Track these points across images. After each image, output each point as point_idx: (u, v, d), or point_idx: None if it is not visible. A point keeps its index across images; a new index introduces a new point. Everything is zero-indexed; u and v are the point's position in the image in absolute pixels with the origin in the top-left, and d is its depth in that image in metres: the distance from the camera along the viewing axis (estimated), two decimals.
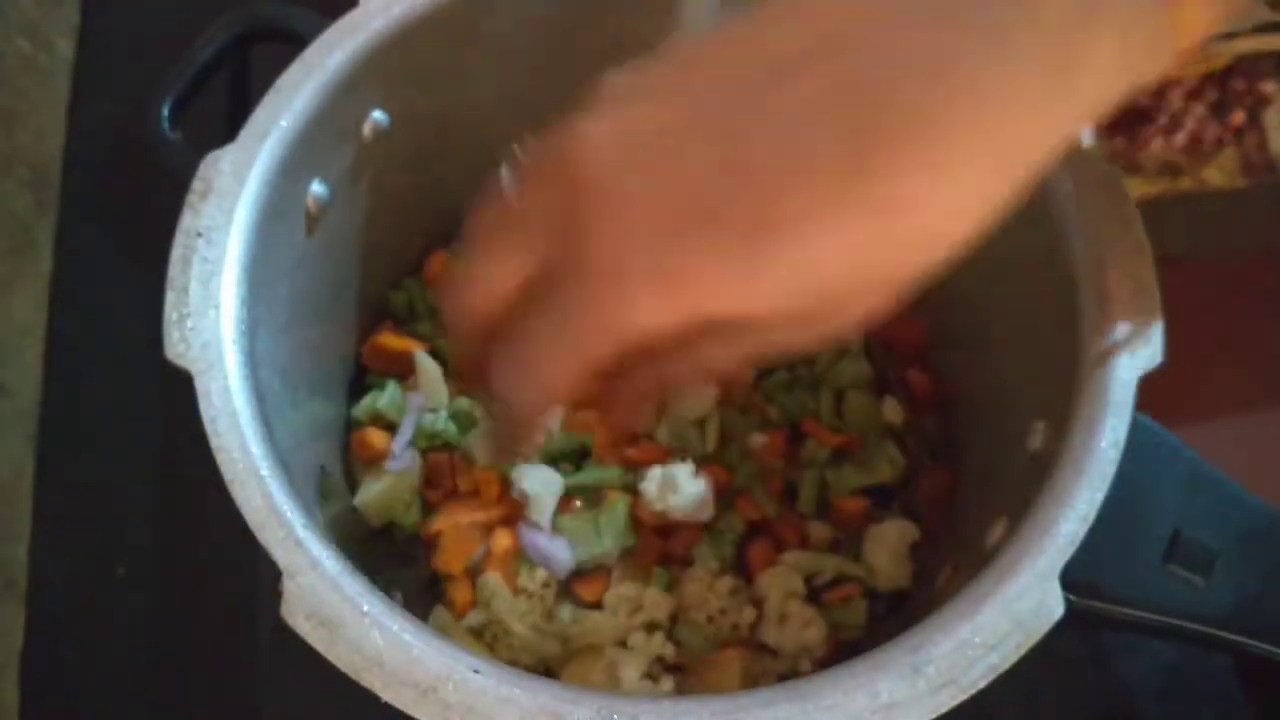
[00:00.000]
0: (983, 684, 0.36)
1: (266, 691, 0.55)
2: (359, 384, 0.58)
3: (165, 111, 0.48)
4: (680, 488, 0.52)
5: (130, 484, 0.61)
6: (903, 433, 0.57)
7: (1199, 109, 0.62)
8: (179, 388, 0.41)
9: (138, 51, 0.69)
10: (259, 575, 0.54)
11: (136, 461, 0.61)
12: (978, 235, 0.29)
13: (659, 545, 0.54)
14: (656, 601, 0.52)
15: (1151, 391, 0.41)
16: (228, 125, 0.46)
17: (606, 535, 0.53)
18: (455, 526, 0.54)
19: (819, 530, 0.55)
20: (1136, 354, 0.41)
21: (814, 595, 0.53)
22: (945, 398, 0.57)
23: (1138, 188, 0.62)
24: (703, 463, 0.54)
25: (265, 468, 0.39)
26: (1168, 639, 0.41)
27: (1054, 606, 0.37)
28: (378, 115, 0.50)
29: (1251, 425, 0.58)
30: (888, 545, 0.53)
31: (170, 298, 0.42)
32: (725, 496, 0.54)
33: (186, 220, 0.43)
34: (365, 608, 0.36)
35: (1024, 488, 0.42)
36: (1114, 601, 0.39)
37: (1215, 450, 0.42)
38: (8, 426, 0.63)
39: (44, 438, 0.62)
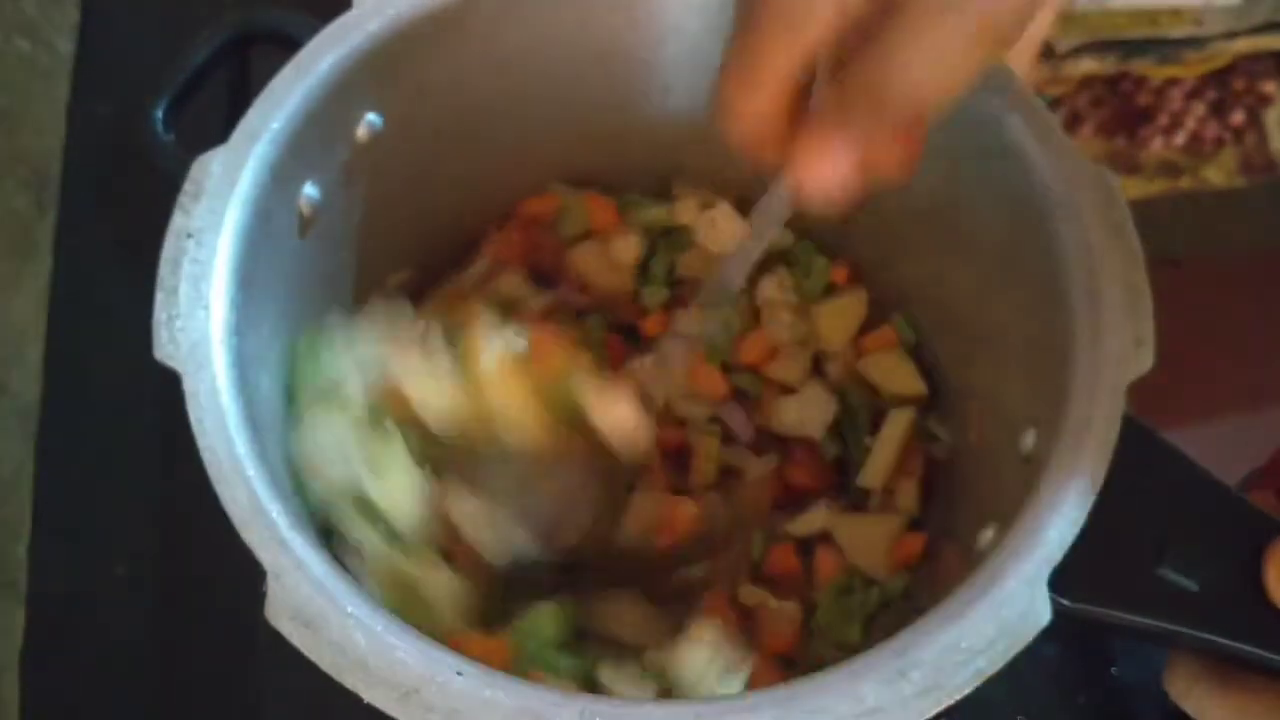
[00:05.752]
0: (969, 689, 0.36)
1: (267, 692, 0.55)
2: None
3: (159, 114, 0.48)
4: None
5: (130, 484, 0.61)
6: None
7: (1199, 109, 0.61)
8: (178, 388, 0.41)
9: (138, 51, 0.69)
10: (258, 575, 0.54)
11: (136, 461, 0.61)
12: None
13: None
14: None
15: (1147, 392, 0.41)
16: (227, 128, 0.46)
17: None
18: None
19: None
20: (1127, 359, 0.41)
21: None
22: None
23: (1138, 188, 0.62)
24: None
25: (251, 468, 0.39)
26: (1160, 643, 0.41)
27: (1041, 612, 0.37)
28: (371, 118, 0.50)
29: (1248, 426, 0.58)
30: None
31: (160, 298, 0.42)
32: None
33: (177, 221, 0.43)
34: (349, 609, 0.36)
35: (1014, 492, 0.41)
36: (1105, 605, 0.39)
37: (1210, 452, 0.41)
38: (8, 426, 0.63)
39: (44, 438, 0.62)
